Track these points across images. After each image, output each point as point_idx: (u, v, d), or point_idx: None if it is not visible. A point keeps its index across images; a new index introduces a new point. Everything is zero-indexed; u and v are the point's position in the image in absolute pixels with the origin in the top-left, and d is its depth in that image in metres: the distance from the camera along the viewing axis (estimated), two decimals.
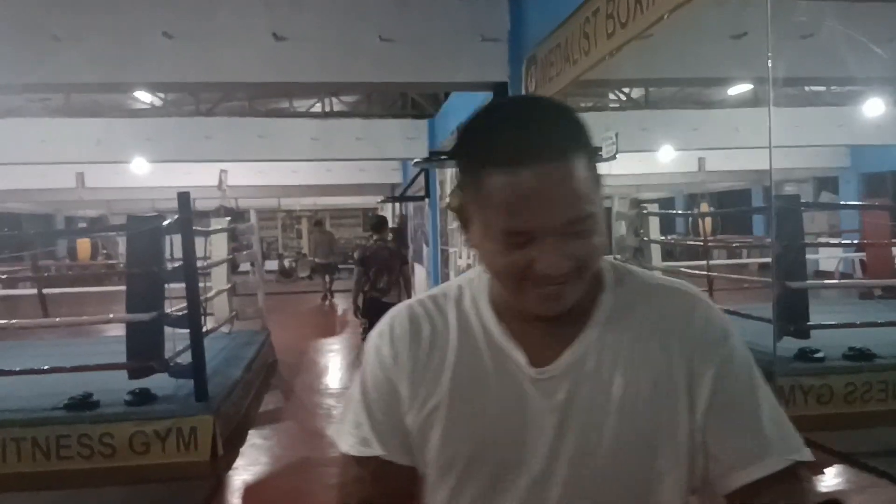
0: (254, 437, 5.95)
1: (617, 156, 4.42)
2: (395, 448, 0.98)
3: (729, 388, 0.92)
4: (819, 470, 4.83)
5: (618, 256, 8.05)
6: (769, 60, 3.11)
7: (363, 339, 7.29)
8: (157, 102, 10.85)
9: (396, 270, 7.28)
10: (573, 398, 0.91)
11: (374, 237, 7.43)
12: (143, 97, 10.22)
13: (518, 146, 0.83)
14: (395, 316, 1.02)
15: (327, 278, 16.29)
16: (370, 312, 7.21)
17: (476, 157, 0.87)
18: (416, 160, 6.28)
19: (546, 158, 0.82)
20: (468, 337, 0.97)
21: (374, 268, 7.19)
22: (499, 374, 0.93)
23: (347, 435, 1.01)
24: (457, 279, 1.06)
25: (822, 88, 10.87)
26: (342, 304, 14.99)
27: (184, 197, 5.50)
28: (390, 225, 15.56)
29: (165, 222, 5.76)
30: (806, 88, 10.67)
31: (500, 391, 0.93)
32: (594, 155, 0.89)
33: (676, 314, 0.96)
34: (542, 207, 0.83)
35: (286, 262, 22.34)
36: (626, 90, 11.23)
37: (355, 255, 7.50)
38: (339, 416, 1.05)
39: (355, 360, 7.56)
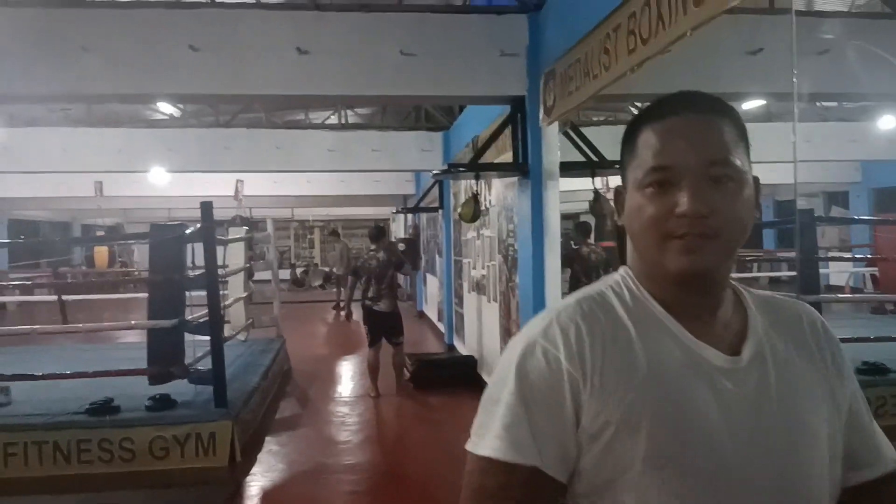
0: (270, 444, 6.01)
1: None
2: (553, 459, 0.91)
3: (857, 394, 1.04)
4: None
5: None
6: (794, 76, 3.16)
7: (370, 346, 7.45)
8: (177, 113, 10.98)
9: (387, 280, 7.51)
10: (763, 386, 0.95)
11: (372, 247, 7.69)
12: (164, 108, 10.36)
13: (670, 104, 0.96)
14: (562, 314, 0.98)
15: (342, 289, 16.33)
16: (366, 319, 7.57)
17: (635, 123, 0.99)
18: (434, 172, 6.36)
19: (695, 110, 0.94)
20: (648, 331, 0.96)
21: (365, 277, 7.55)
22: (690, 366, 0.93)
23: (494, 438, 0.92)
24: (600, 283, 1.05)
25: (834, 104, 10.90)
26: (356, 313, 15.05)
27: (207, 206, 5.60)
28: (404, 235, 15.69)
29: (188, 231, 5.85)
30: (818, 103, 10.70)
31: (697, 383, 0.92)
32: (744, 131, 0.97)
33: (812, 321, 1.05)
34: (687, 144, 0.92)
35: (298, 272, 22.45)
36: (641, 104, 11.28)
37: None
38: (476, 420, 0.96)
39: (367, 369, 7.67)
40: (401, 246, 12.84)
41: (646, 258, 0.98)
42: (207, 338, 5.70)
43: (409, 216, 15.98)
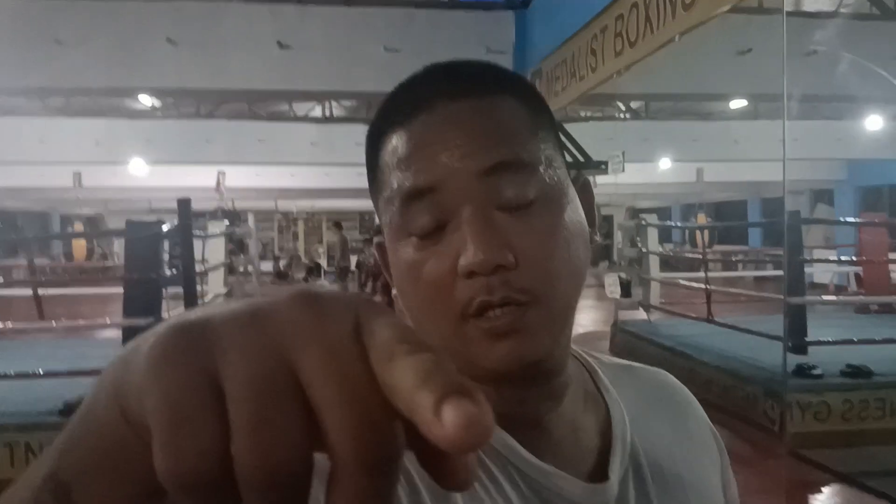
0: None
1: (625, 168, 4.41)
2: None
3: (730, 478, 0.75)
4: (817, 489, 4.83)
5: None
6: (784, 76, 3.12)
7: None
8: (158, 104, 10.82)
9: (382, 278, 7.58)
10: None
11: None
12: (144, 99, 10.21)
13: (417, 91, 0.58)
14: None
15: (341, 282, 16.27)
16: None
17: (373, 131, 0.61)
18: None
19: (456, 94, 0.57)
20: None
21: (363, 272, 7.79)
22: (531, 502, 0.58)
23: None
24: None
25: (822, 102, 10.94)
26: None
27: (184, 204, 5.48)
28: None
29: (164, 227, 5.74)
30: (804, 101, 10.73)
31: None
32: (546, 113, 0.61)
33: (687, 403, 0.74)
34: (447, 149, 0.55)
35: (281, 264, 22.30)
36: (630, 104, 11.26)
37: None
38: None
39: None
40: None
41: (440, 345, 0.59)
42: None
43: None
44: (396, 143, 0.57)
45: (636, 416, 0.66)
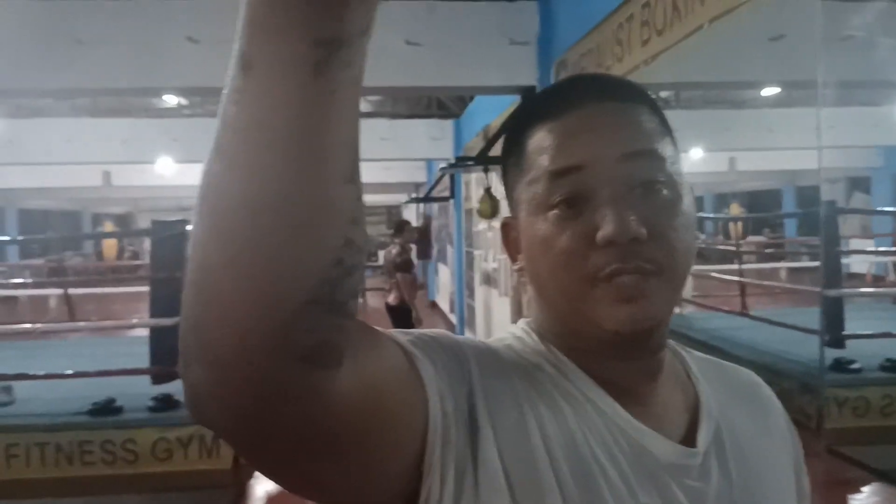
0: None
1: None
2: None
3: (805, 481, 0.82)
4: (856, 488, 4.69)
5: None
6: (819, 62, 3.00)
7: None
8: (184, 102, 10.87)
9: (394, 274, 7.69)
10: (725, 489, 0.68)
11: (396, 240, 7.82)
12: (169, 98, 10.26)
13: (568, 93, 0.70)
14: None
15: None
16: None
17: (518, 124, 0.72)
18: (442, 166, 6.22)
19: (602, 98, 0.68)
20: (583, 413, 0.66)
21: (383, 269, 8.05)
22: (633, 463, 0.65)
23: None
24: (498, 337, 0.75)
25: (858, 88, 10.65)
26: (372, 301, 14.96)
27: None
28: (416, 224, 15.64)
29: (189, 226, 5.74)
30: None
31: (641, 489, 0.64)
32: (668, 123, 0.71)
33: (770, 398, 0.83)
34: (594, 137, 0.65)
35: None
36: (659, 94, 11.05)
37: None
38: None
39: None
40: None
41: (559, 312, 0.70)
42: None
43: (421, 204, 15.85)
44: (546, 134, 0.68)
45: (722, 405, 0.74)
